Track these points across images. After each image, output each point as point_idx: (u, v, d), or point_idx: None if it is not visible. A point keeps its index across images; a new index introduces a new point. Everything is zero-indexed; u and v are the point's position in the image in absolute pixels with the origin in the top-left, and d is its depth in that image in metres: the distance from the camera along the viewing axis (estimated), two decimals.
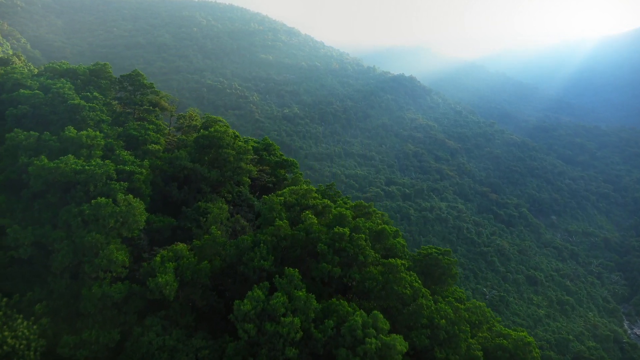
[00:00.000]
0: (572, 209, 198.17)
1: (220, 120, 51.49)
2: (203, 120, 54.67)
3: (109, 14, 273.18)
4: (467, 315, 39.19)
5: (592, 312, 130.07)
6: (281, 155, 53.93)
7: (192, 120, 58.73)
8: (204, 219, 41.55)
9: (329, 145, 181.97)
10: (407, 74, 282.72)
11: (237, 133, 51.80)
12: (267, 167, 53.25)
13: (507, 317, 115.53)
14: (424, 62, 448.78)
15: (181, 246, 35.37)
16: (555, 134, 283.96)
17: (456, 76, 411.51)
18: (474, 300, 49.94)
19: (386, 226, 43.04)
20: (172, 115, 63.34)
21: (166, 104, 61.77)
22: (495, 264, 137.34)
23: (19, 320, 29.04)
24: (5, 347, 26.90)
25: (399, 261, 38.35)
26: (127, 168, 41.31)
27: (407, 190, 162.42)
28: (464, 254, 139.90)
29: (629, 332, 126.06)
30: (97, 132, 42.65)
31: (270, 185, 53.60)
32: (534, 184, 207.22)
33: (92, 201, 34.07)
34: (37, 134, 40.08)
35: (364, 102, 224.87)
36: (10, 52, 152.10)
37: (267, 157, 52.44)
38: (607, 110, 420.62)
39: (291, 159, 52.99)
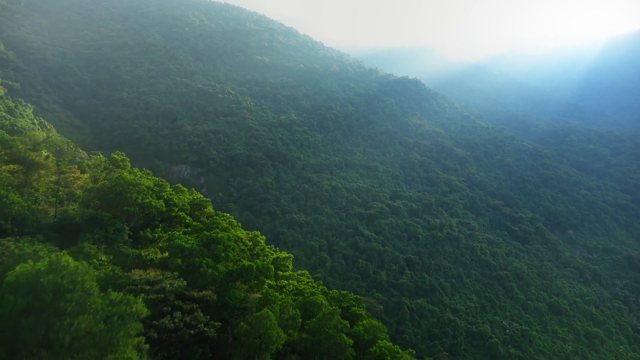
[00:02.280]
0: (590, 222, 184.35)
1: (132, 186, 32.72)
2: (107, 184, 33.83)
3: (97, 13, 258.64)
4: None
5: (623, 346, 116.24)
6: (245, 250, 34.13)
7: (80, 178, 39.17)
8: None
9: (329, 154, 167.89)
10: (410, 77, 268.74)
11: (187, 202, 34.82)
12: (211, 290, 29.20)
13: (531, 355, 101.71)
14: (426, 64, 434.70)
15: None
16: (567, 139, 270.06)
17: (460, 78, 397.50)
18: None
19: None
20: (61, 173, 42.99)
21: (39, 158, 39.65)
22: (513, 290, 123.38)
23: None
24: None
25: None
26: None
27: (413, 205, 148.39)
28: (478, 278, 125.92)
29: None
30: None
31: (212, 334, 27.88)
32: (549, 195, 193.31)
33: None
34: None
35: (366, 107, 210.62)
36: None
37: (209, 270, 28.89)
38: (615, 113, 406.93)
39: (258, 263, 31.31)
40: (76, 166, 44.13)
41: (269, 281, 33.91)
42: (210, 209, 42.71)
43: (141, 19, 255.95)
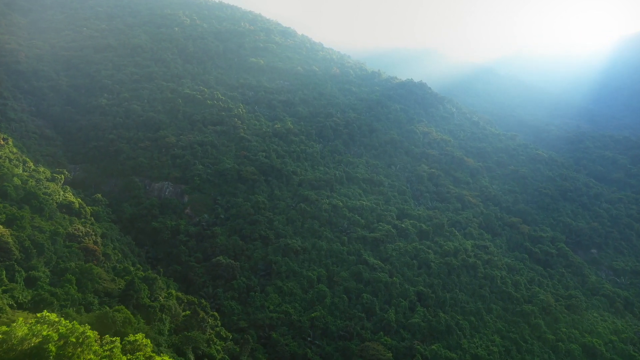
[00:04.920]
0: (615, 240, 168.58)
1: None
2: None
3: (82, 12, 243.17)
4: None
5: None
6: None
7: None
8: None
9: (329, 167, 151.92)
10: (413, 79, 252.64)
11: None
12: None
13: None
14: (429, 66, 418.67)
15: None
16: (582, 146, 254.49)
17: (465, 81, 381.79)
18: None
19: None
20: None
21: None
22: (541, 329, 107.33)
23: None
24: None
25: None
26: None
27: (423, 226, 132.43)
28: (500, 314, 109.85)
29: None
30: None
31: None
32: (568, 209, 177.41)
33: None
34: None
35: (369, 114, 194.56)
36: None
37: None
38: (627, 116, 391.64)
39: None
40: None
41: None
42: None
43: (128, 18, 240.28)
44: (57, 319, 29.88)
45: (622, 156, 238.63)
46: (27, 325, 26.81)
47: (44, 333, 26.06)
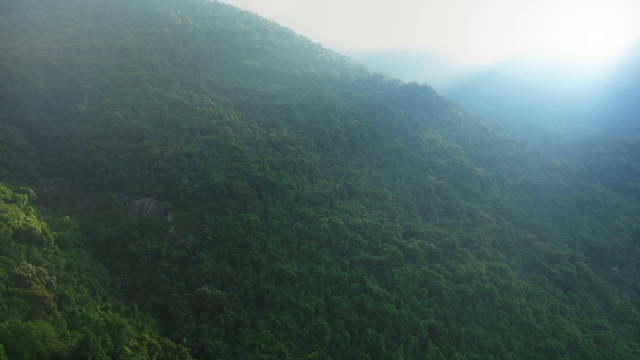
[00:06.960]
0: (637, 257, 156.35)
1: None
2: None
3: (67, 12, 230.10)
4: None
5: None
6: None
7: None
8: None
9: (328, 180, 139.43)
10: (416, 82, 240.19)
11: None
12: None
13: None
14: (432, 68, 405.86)
15: None
16: (594, 151, 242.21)
17: (469, 83, 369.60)
18: None
19: None
20: None
21: None
22: None
23: None
24: None
25: None
26: None
27: (432, 246, 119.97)
28: (522, 351, 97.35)
29: None
30: None
31: None
32: (586, 222, 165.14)
33: None
34: None
35: (371, 119, 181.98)
36: None
37: None
38: (635, 119, 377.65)
39: None
40: None
41: None
42: None
43: (117, 18, 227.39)
44: None
45: (638, 163, 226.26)
46: None
47: None
